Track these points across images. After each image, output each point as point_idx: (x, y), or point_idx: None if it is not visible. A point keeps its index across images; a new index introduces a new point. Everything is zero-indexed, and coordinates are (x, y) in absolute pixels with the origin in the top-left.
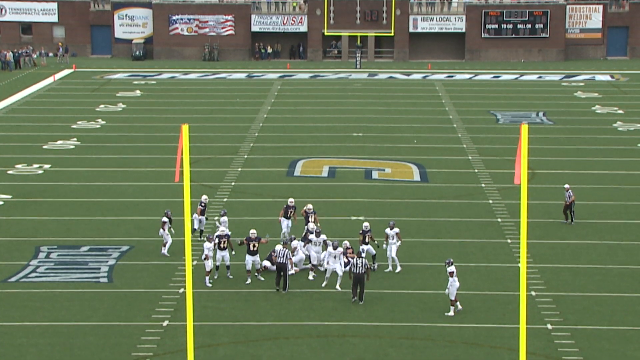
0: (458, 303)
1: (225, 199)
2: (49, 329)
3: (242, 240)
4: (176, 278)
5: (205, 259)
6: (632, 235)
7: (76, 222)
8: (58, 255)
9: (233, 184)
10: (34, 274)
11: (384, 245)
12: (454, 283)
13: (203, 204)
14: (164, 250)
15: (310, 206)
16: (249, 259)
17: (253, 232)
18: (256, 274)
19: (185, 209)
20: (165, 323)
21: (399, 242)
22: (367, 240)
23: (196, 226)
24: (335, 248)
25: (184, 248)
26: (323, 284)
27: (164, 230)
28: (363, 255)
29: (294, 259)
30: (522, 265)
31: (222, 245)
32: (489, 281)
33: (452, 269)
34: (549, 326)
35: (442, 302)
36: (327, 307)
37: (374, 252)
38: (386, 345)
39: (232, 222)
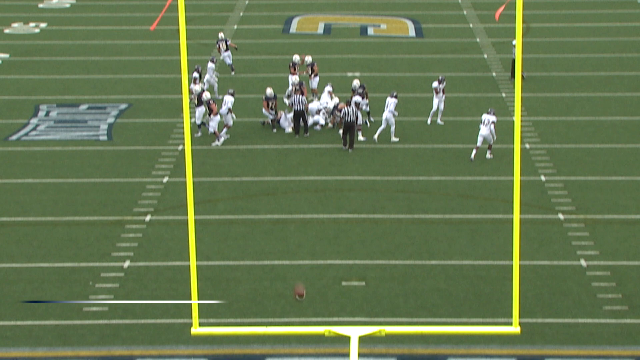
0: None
1: (221, 56)
2: (51, 186)
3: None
4: (175, 135)
5: (229, 112)
6: (625, 87)
7: (74, 81)
8: (57, 113)
9: (229, 41)
10: (34, 132)
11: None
12: (483, 132)
13: (225, 41)
14: None
15: (309, 58)
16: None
17: (207, 94)
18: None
19: (182, 67)
20: (165, 179)
21: (443, 95)
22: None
23: (229, 62)
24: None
25: (181, 105)
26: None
27: (194, 84)
28: (353, 105)
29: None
30: (517, 118)
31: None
32: None
33: (484, 117)
34: (543, 178)
35: (438, 156)
36: (325, 162)
37: (368, 109)
38: (383, 198)
39: (229, 79)
